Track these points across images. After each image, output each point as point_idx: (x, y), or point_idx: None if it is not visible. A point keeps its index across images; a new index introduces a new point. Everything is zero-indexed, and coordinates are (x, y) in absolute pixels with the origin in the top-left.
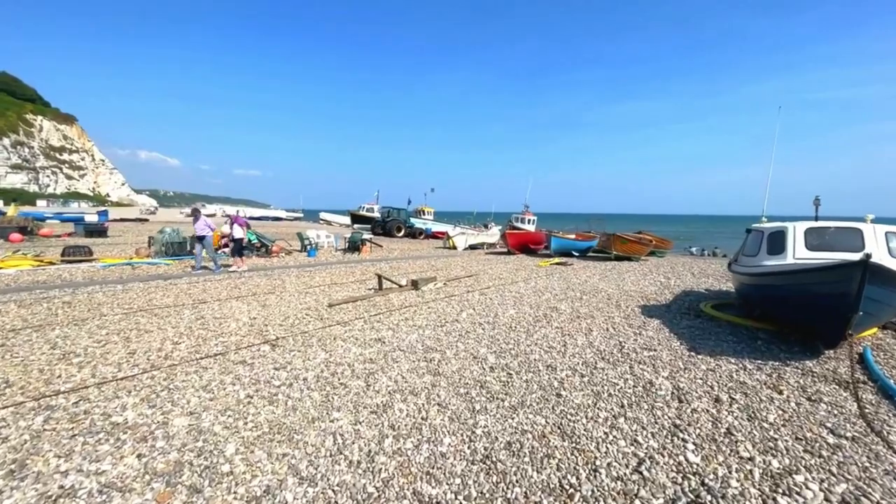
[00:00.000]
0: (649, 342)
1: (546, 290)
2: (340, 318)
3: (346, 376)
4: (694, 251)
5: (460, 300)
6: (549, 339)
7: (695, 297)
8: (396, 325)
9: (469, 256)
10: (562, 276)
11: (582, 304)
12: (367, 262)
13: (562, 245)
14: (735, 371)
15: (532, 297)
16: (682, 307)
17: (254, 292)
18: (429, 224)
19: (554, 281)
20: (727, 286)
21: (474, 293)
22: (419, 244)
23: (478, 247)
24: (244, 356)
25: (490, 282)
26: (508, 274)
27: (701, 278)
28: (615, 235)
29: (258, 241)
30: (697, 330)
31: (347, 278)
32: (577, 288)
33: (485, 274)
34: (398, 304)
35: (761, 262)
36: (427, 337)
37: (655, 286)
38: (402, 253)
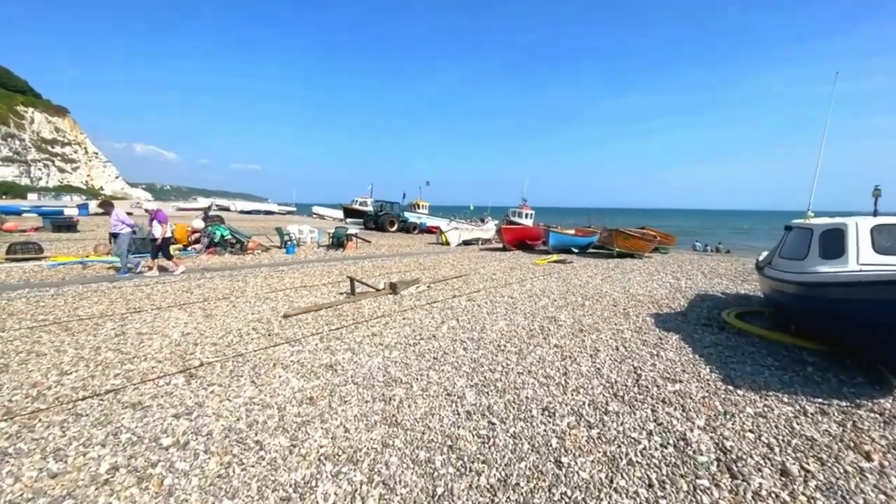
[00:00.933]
0: (671, 368)
1: (543, 293)
2: (293, 334)
3: (269, 429)
4: (698, 247)
5: (443, 308)
6: (546, 363)
7: (711, 302)
8: (359, 343)
9: (462, 253)
10: (561, 277)
11: (585, 313)
12: (350, 260)
13: (560, 241)
14: (794, 417)
15: (527, 304)
16: (700, 316)
17: (206, 298)
18: (423, 219)
19: (552, 282)
20: (744, 288)
21: (461, 298)
22: (411, 240)
23: (472, 243)
24: (144, 394)
25: (481, 283)
26: (502, 274)
27: (713, 279)
28: (617, 231)
29: (232, 236)
30: (726, 349)
31: (321, 279)
32: (578, 291)
33: (476, 274)
34: (369, 314)
35: (811, 268)
36: (393, 361)
37: (665, 288)
38: (391, 249)
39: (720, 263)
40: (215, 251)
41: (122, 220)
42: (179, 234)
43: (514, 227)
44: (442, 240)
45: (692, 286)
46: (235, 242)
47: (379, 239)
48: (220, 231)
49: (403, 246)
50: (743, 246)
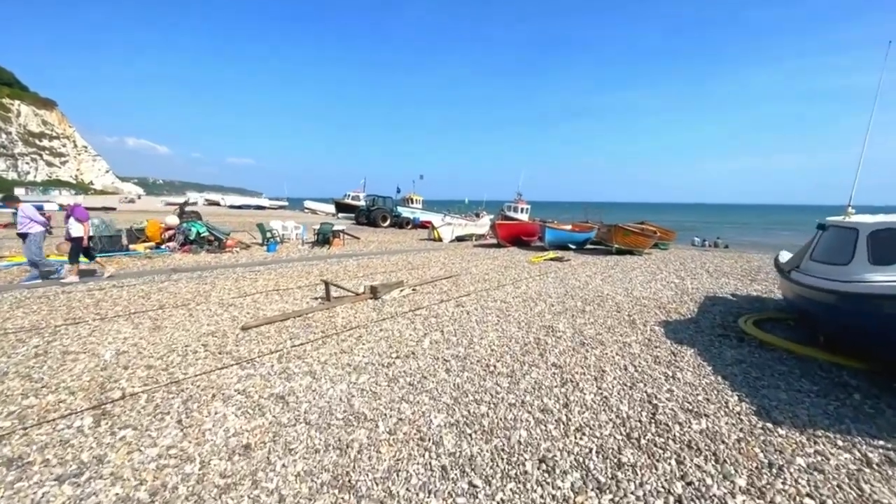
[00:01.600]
0: (692, 395)
1: (539, 297)
2: (247, 352)
3: (178, 500)
4: (696, 242)
5: (428, 316)
6: (543, 389)
7: (723, 306)
8: (323, 364)
9: (454, 250)
10: (558, 277)
11: (586, 321)
12: (334, 259)
13: (557, 237)
14: (857, 470)
15: (522, 310)
16: (713, 323)
17: (163, 304)
18: (417, 213)
19: (549, 283)
20: (755, 289)
21: (448, 303)
22: (403, 235)
23: (466, 239)
24: (34, 442)
25: (472, 285)
26: (495, 273)
27: (719, 278)
28: (616, 227)
29: (209, 233)
30: (752, 367)
31: (299, 281)
32: (577, 294)
33: (467, 274)
34: (342, 324)
35: (858, 276)
36: (360, 389)
37: (670, 290)
38: (381, 246)
39: (724, 261)
40: (190, 249)
41: (32, 218)
42: (152, 231)
43: (509, 223)
44: (434, 236)
45: (699, 287)
46: (213, 240)
47: (369, 235)
48: (196, 228)
49: (394, 242)
50: (742, 241)
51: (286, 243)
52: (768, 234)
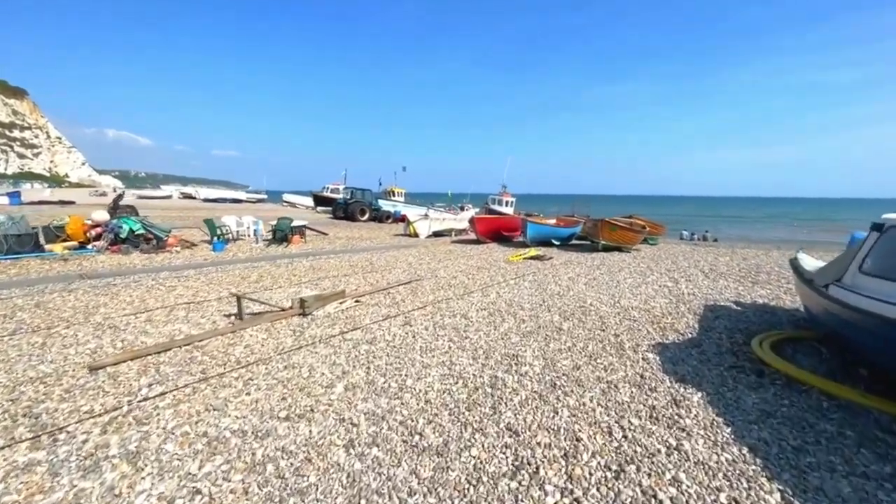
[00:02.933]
0: (708, 494)
1: (510, 308)
2: (67, 413)
3: None
4: (685, 236)
5: (359, 341)
6: (483, 487)
7: (727, 318)
8: (167, 434)
9: (429, 247)
10: (536, 280)
11: (562, 345)
12: (287, 259)
13: (539, 232)
14: None
15: (484, 329)
16: (721, 347)
17: (19, 327)
18: (399, 207)
19: (524, 289)
20: (759, 295)
21: (394, 321)
22: (378, 230)
23: (445, 234)
24: None
25: (433, 293)
26: (465, 276)
27: (717, 280)
28: (603, 222)
29: (146, 231)
30: (786, 425)
31: (226, 289)
32: (555, 303)
33: (433, 277)
34: (237, 358)
35: None
36: (198, 490)
37: (664, 297)
38: (348, 243)
39: (718, 258)
40: (120, 249)
41: None
42: (74, 228)
43: (488, 218)
44: (410, 231)
45: (695, 292)
46: (151, 238)
47: (342, 230)
48: (129, 224)
49: (365, 238)
50: (729, 235)
51: (239, 241)
52: (754, 228)
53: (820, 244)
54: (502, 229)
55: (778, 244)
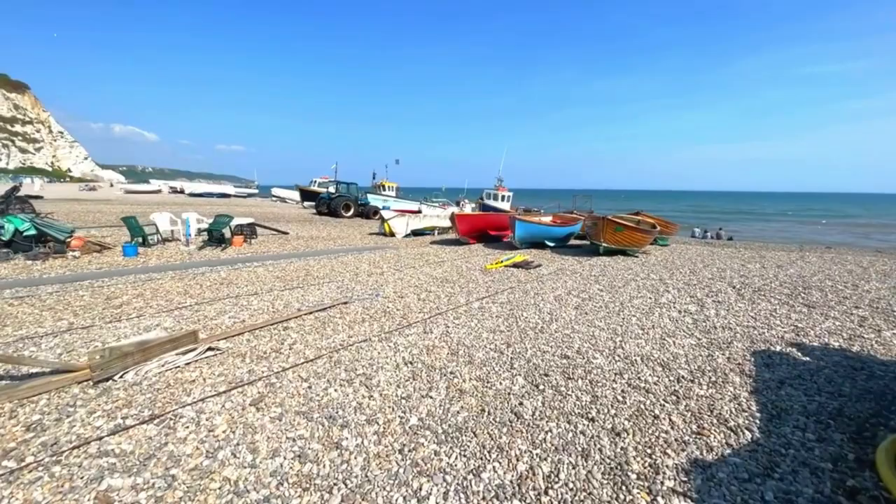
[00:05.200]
0: None
1: (450, 363)
2: None
3: None
4: (697, 234)
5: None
6: None
7: (796, 383)
8: None
9: (399, 250)
10: (510, 302)
11: (510, 466)
12: (208, 267)
13: (529, 232)
14: None
15: (382, 421)
16: (814, 469)
17: None
18: (389, 202)
19: (488, 319)
20: (825, 330)
21: (239, 395)
22: (352, 229)
23: (426, 232)
24: None
25: (351, 326)
26: (416, 294)
27: (756, 301)
28: (605, 220)
29: (39, 232)
30: None
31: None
32: (525, 349)
33: (377, 297)
34: None
35: None
36: None
37: (687, 333)
38: (309, 244)
39: (745, 265)
40: None
41: None
42: None
43: (471, 215)
44: (385, 230)
45: (731, 323)
46: (48, 240)
47: (310, 228)
48: (15, 224)
49: (333, 238)
50: (745, 232)
51: (168, 243)
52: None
53: (844, 244)
54: (489, 228)
55: (801, 244)
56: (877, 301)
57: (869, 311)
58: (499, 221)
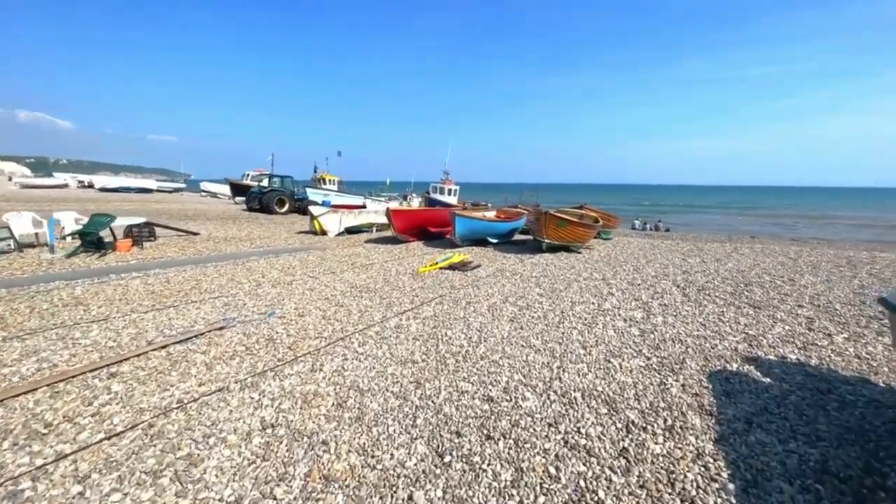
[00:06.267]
0: None
1: (332, 423)
2: None
3: None
4: (638, 226)
5: None
6: None
7: (763, 421)
8: None
9: (325, 251)
10: (436, 318)
11: None
12: (64, 281)
13: (470, 229)
14: None
15: None
16: None
17: None
18: (330, 196)
19: (404, 342)
20: (778, 338)
21: None
22: (288, 225)
23: (362, 230)
24: None
25: (211, 367)
26: (322, 311)
27: (702, 303)
28: (548, 215)
29: None
30: None
31: None
32: (440, 389)
33: (269, 313)
34: None
35: None
36: None
37: (634, 351)
38: (220, 246)
39: (686, 259)
40: None
41: None
42: None
43: (409, 211)
44: (314, 227)
45: (681, 335)
46: None
47: (233, 227)
48: None
49: (254, 238)
50: (679, 224)
51: (36, 249)
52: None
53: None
54: (429, 224)
55: (729, 234)
56: (816, 298)
57: (813, 310)
58: (439, 217)
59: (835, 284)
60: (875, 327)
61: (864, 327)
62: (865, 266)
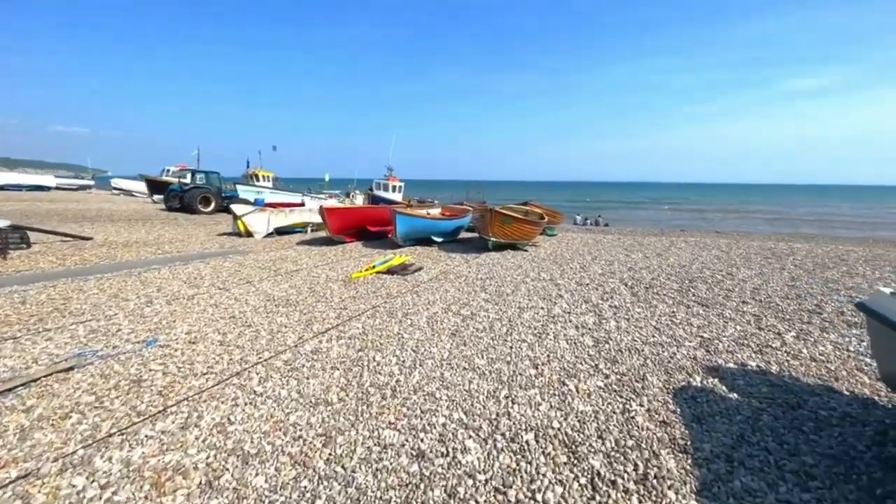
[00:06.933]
0: None
1: None
2: None
3: None
4: (579, 221)
5: None
6: None
7: (725, 431)
8: None
9: (253, 255)
10: (364, 336)
11: None
12: None
13: (412, 227)
14: None
15: None
16: None
17: None
18: (264, 194)
19: (316, 377)
20: (732, 340)
21: None
22: (211, 227)
23: (296, 229)
24: None
25: (28, 435)
26: (224, 336)
27: (652, 303)
28: (493, 212)
29: None
30: None
31: None
32: (353, 446)
33: (154, 342)
34: None
35: None
36: None
37: (591, 368)
38: (116, 253)
39: (629, 254)
40: None
41: None
42: None
43: (344, 208)
44: (239, 228)
45: (636, 343)
46: None
47: (140, 230)
48: None
49: (162, 243)
50: (616, 218)
51: None
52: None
53: (691, 226)
54: (368, 223)
55: (661, 227)
56: (757, 292)
57: (757, 306)
58: (380, 215)
59: (769, 277)
60: (817, 323)
61: (808, 323)
62: (788, 258)
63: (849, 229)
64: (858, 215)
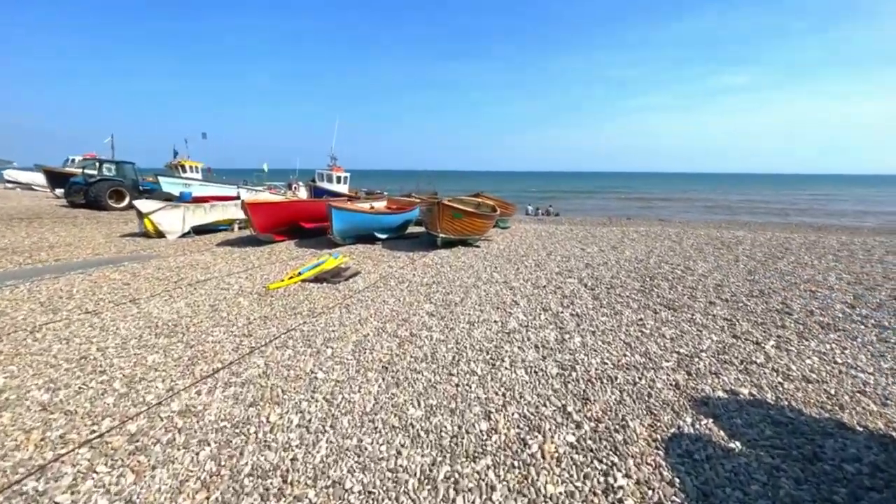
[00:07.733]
0: None
1: None
2: None
3: None
4: (530, 211)
5: None
6: None
7: None
8: None
9: (157, 260)
10: (263, 379)
11: None
12: None
13: (351, 223)
14: None
15: None
16: None
17: None
18: (192, 187)
19: (175, 462)
20: (711, 354)
21: None
22: (114, 226)
23: (220, 227)
24: None
25: None
26: (57, 392)
27: (616, 308)
28: (441, 205)
29: None
30: None
31: None
32: None
33: None
34: None
35: None
36: None
37: (558, 411)
38: None
39: (584, 248)
40: None
41: None
42: None
43: (271, 203)
44: (147, 228)
45: (606, 368)
46: None
47: (19, 232)
48: None
49: (43, 248)
50: (568, 208)
51: None
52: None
53: (637, 216)
54: (302, 219)
55: (609, 216)
56: (720, 290)
57: (726, 307)
58: (316, 210)
59: (727, 272)
60: (792, 326)
61: (782, 328)
62: (738, 247)
63: (776, 215)
64: (779, 201)
